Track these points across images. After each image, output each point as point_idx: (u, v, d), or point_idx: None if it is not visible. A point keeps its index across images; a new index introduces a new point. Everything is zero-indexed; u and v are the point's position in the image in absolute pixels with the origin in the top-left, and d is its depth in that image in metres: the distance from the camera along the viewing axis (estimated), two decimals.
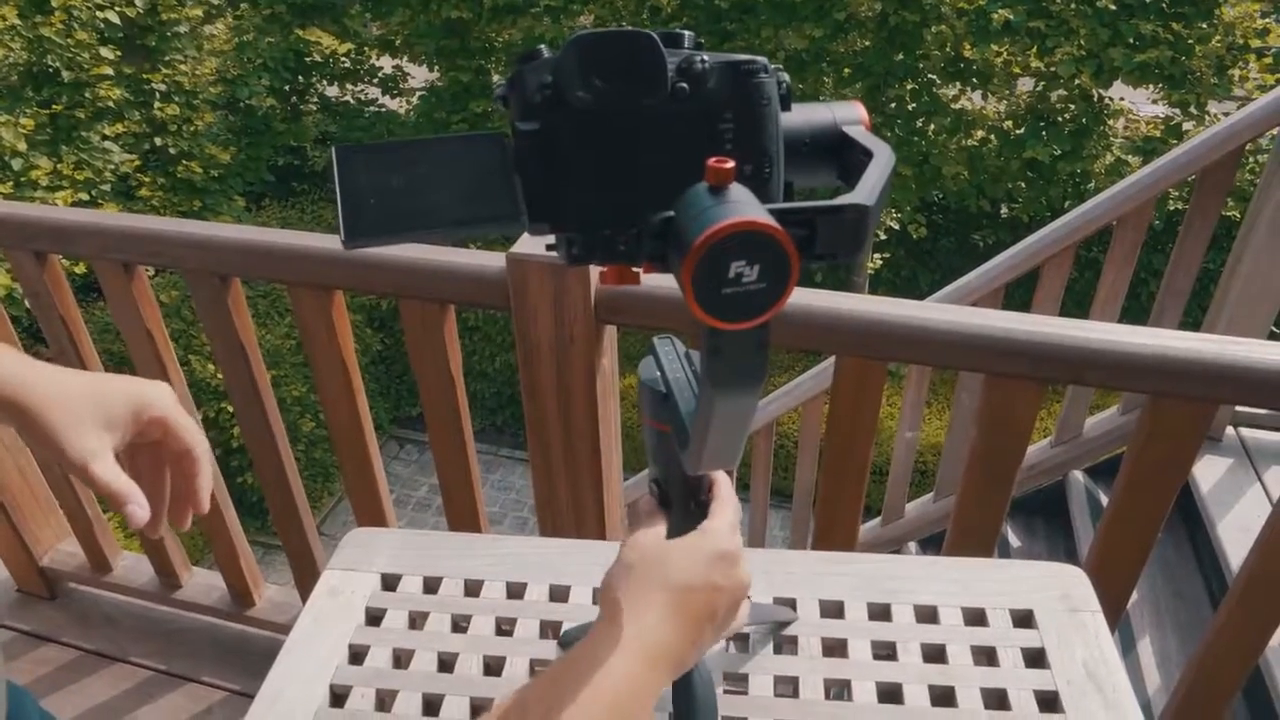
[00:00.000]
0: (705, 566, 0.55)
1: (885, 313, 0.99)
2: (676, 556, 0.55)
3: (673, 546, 0.56)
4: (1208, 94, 6.30)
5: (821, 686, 0.76)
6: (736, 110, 0.46)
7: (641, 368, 0.59)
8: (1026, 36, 6.39)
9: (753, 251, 0.36)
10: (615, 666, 0.49)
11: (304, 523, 1.57)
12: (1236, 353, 0.95)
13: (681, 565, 0.54)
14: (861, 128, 0.48)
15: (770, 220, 0.37)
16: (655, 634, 0.51)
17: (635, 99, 0.45)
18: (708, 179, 0.39)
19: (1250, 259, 2.11)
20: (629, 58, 0.44)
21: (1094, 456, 2.57)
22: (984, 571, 0.86)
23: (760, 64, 0.46)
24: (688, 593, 0.53)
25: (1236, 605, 1.14)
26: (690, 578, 0.54)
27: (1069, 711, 0.73)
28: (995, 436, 1.06)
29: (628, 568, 0.55)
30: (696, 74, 0.45)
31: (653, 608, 0.52)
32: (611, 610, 0.53)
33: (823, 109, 0.49)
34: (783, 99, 0.47)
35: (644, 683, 0.50)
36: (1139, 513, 1.07)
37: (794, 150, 0.47)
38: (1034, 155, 6.69)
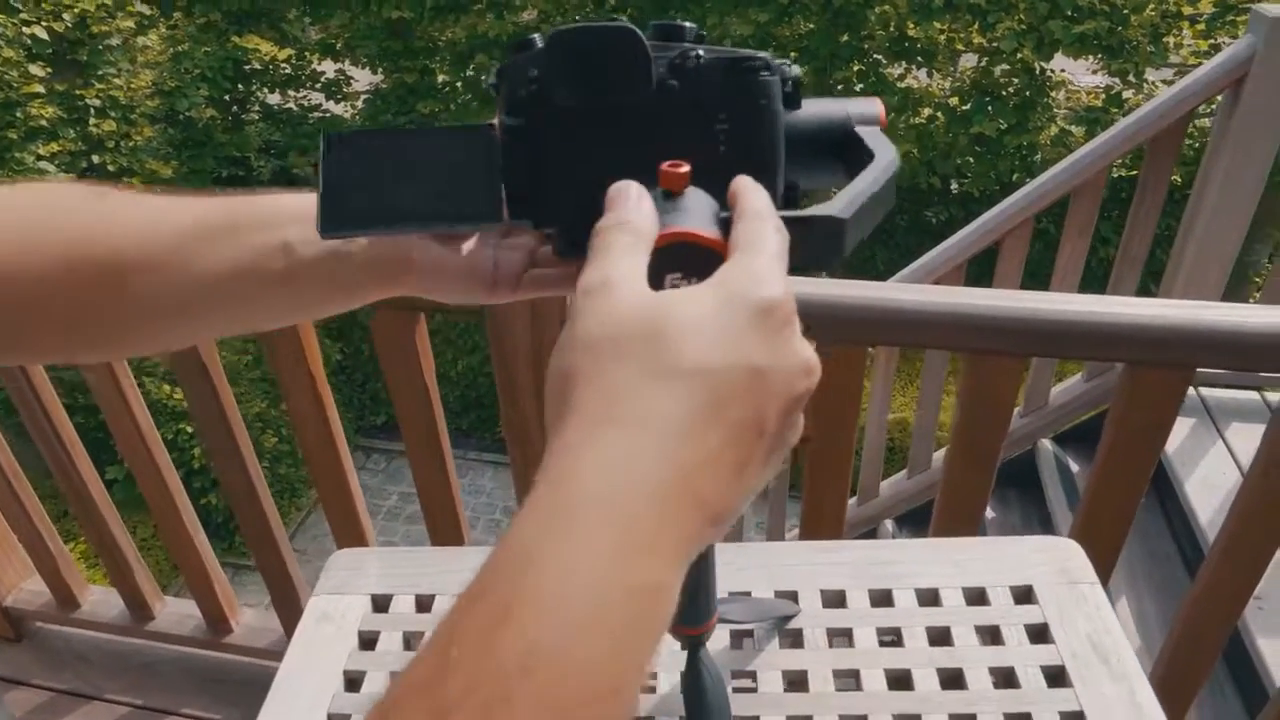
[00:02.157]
0: (733, 331, 0.31)
1: (866, 296, 0.99)
2: (685, 319, 0.31)
3: (675, 302, 0.32)
4: (1145, 62, 6.44)
5: (831, 678, 0.75)
6: (732, 111, 0.43)
7: None
8: (968, 13, 6.48)
9: (687, 264, 0.35)
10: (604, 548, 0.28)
11: (278, 541, 1.53)
12: (1209, 317, 0.96)
13: (697, 334, 0.31)
14: (874, 127, 0.45)
15: (709, 232, 0.35)
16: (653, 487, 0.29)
17: (618, 96, 0.43)
18: (660, 183, 0.37)
19: (1203, 222, 2.16)
20: (609, 55, 0.42)
21: (1061, 424, 2.62)
22: (980, 550, 0.86)
23: (760, 61, 0.43)
24: (713, 384, 0.31)
25: (1216, 566, 1.16)
26: (715, 357, 0.31)
27: (1077, 684, 0.73)
28: (979, 414, 1.07)
29: (595, 344, 0.31)
30: (688, 71, 0.43)
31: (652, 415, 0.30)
32: (575, 430, 0.30)
33: (837, 106, 0.46)
34: (790, 96, 0.44)
35: (653, 584, 0.29)
36: (1122, 480, 1.08)
37: (799, 150, 0.44)
38: (981, 130, 6.80)
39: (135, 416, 1.35)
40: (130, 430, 1.36)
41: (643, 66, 0.42)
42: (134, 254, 0.46)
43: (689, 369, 0.30)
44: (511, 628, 0.26)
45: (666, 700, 0.74)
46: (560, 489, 0.29)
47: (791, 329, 0.33)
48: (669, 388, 0.30)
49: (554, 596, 0.27)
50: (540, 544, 0.28)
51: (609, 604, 0.28)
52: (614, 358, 0.31)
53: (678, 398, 0.30)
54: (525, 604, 0.27)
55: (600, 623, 0.27)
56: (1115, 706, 0.71)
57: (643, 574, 0.28)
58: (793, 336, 0.33)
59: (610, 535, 0.28)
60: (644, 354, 0.30)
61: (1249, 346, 0.94)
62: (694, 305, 0.32)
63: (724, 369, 0.31)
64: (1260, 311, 0.95)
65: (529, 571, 0.28)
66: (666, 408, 0.30)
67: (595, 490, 0.29)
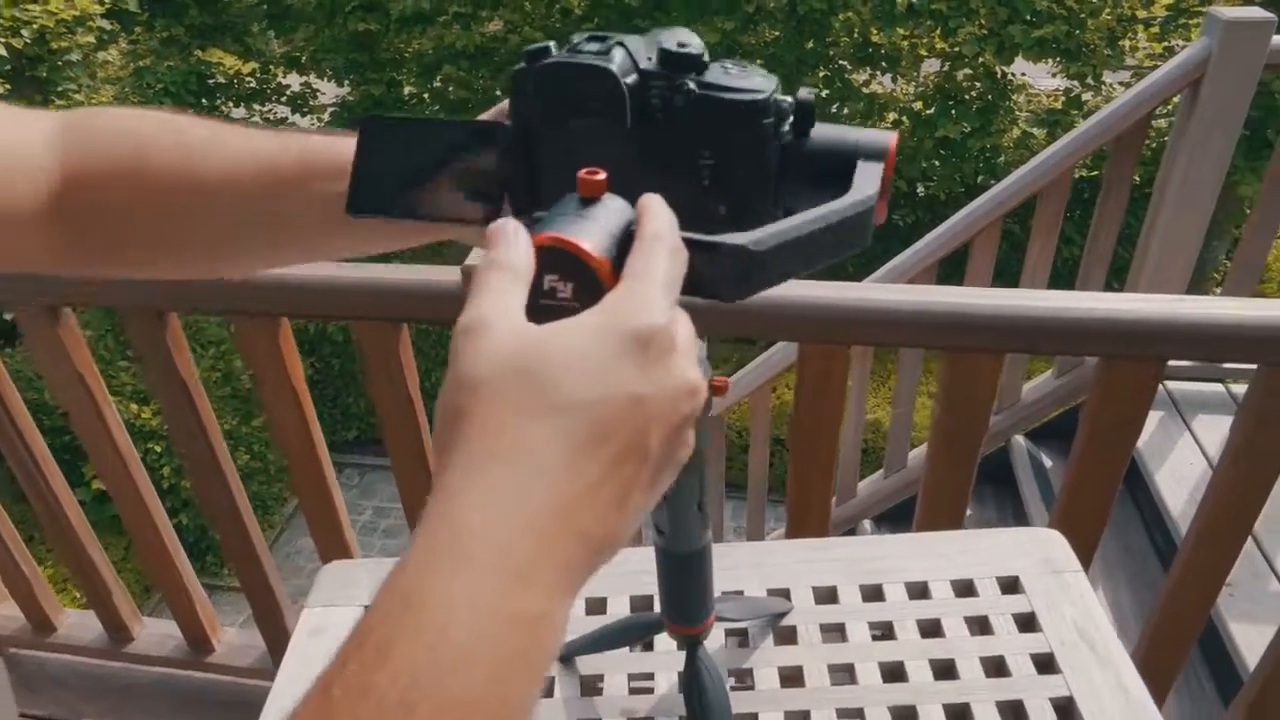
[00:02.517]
0: (610, 362, 0.32)
1: (847, 297, 1.01)
2: (561, 354, 0.32)
3: (550, 336, 0.32)
4: (1102, 64, 6.58)
5: (826, 673, 0.76)
6: (717, 150, 0.43)
7: None
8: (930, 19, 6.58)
9: (563, 269, 0.35)
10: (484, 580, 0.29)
11: (261, 557, 1.51)
12: (1180, 310, 0.99)
13: (572, 368, 0.31)
14: (875, 164, 0.43)
15: (583, 243, 0.35)
16: (533, 519, 0.30)
17: (597, 128, 0.43)
18: (578, 189, 0.37)
19: (1165, 217, 2.21)
20: (587, 90, 0.42)
21: (1033, 421, 2.66)
22: (966, 543, 0.88)
23: (758, 104, 0.42)
24: (590, 417, 0.31)
25: (1191, 554, 1.19)
26: (590, 389, 0.31)
27: (1065, 671, 0.74)
28: (959, 411, 1.08)
29: (474, 384, 0.31)
30: (674, 107, 0.43)
31: (531, 452, 0.30)
32: (457, 470, 0.31)
33: (848, 136, 0.45)
34: (799, 123, 0.44)
35: (536, 613, 0.30)
36: (1099, 473, 1.11)
37: (799, 177, 0.44)
38: (945, 133, 6.90)
39: (113, 436, 1.34)
40: (109, 449, 1.34)
41: (617, 104, 0.42)
42: (208, 195, 0.50)
43: (565, 403, 0.31)
44: (391, 665, 0.27)
45: (665, 700, 0.75)
46: (440, 530, 0.30)
47: (673, 355, 0.33)
48: (545, 423, 0.31)
49: (432, 631, 0.28)
50: (419, 583, 0.29)
51: (489, 636, 0.28)
52: (491, 397, 0.31)
53: (555, 432, 0.31)
54: (404, 641, 0.27)
55: (480, 654, 0.28)
56: (1103, 691, 0.73)
57: (523, 605, 0.29)
58: (674, 362, 0.33)
59: (488, 570, 0.29)
60: (520, 391, 0.31)
61: (1219, 338, 0.97)
62: (569, 338, 0.32)
63: (600, 401, 0.31)
64: (1229, 304, 0.98)
65: (409, 610, 0.28)
66: (543, 443, 0.30)
67: (473, 527, 0.29)
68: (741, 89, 0.42)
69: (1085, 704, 0.72)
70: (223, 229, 0.52)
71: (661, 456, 0.33)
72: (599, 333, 0.32)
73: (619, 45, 0.43)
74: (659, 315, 0.33)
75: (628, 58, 0.43)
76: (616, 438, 0.31)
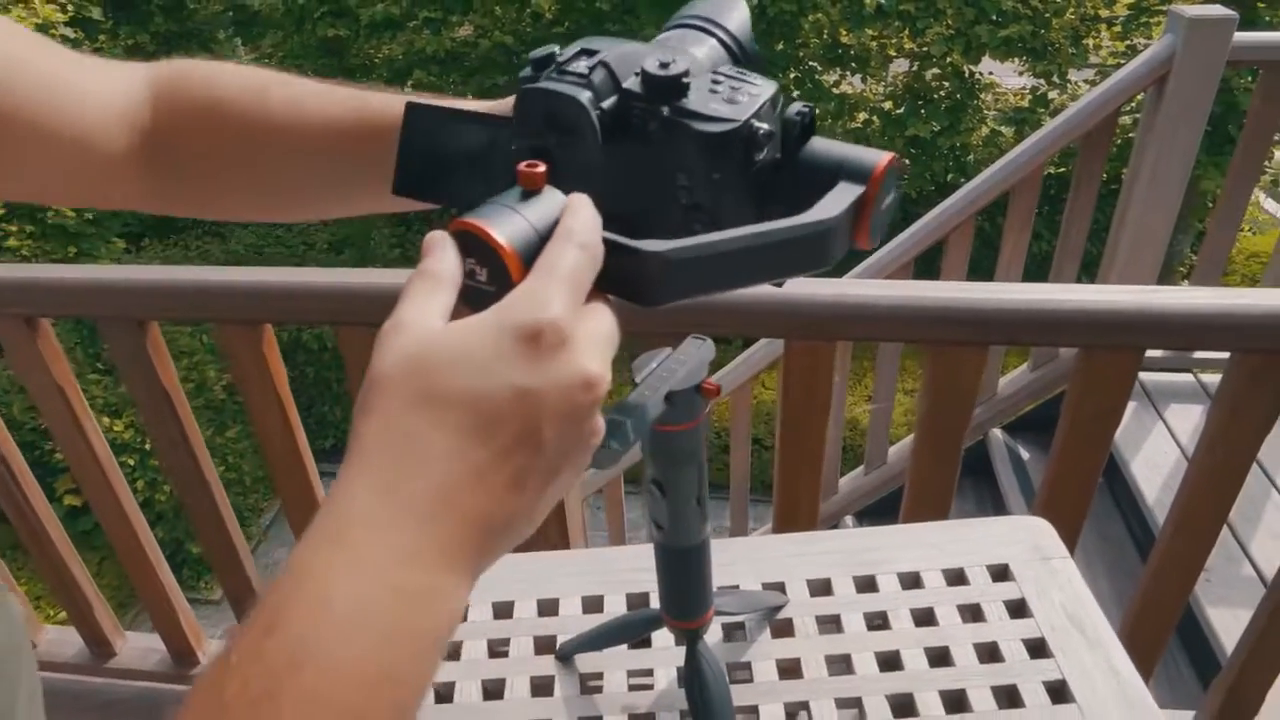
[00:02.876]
0: (495, 357, 0.33)
1: (833, 293, 1.02)
2: (450, 351, 0.34)
3: (446, 334, 0.34)
4: (1067, 63, 6.68)
5: (823, 664, 0.77)
6: (691, 175, 0.43)
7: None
8: (898, 19, 6.65)
9: (477, 254, 0.37)
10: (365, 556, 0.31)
11: (245, 566, 1.50)
12: (1156, 301, 1.01)
13: (459, 363, 0.33)
14: (851, 186, 0.42)
15: (491, 230, 0.36)
16: (415, 500, 0.32)
17: (572, 148, 0.44)
18: (518, 181, 0.39)
19: (1135, 211, 2.25)
20: (559, 115, 0.43)
21: (1010, 414, 2.70)
22: (956, 532, 0.89)
23: (723, 137, 0.41)
24: (477, 408, 0.33)
25: (1171, 538, 1.21)
26: (476, 383, 0.33)
27: (1057, 654, 0.76)
28: (944, 403, 1.10)
29: (376, 381, 0.34)
30: (649, 133, 0.43)
31: (415, 441, 0.33)
32: (352, 458, 0.33)
33: (835, 156, 0.43)
34: (788, 143, 0.43)
35: (420, 586, 0.32)
36: (1080, 462, 1.13)
37: (784, 191, 0.43)
38: (915, 132, 6.97)
39: (94, 448, 1.32)
40: (90, 462, 1.32)
41: (588, 131, 0.43)
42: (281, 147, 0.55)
43: (450, 396, 0.33)
44: (280, 631, 0.29)
45: (666, 695, 0.76)
46: (329, 513, 0.32)
47: (565, 348, 0.34)
48: (429, 414, 0.33)
49: (319, 601, 0.30)
50: (310, 561, 0.31)
51: (371, 606, 0.31)
52: (386, 391, 0.33)
53: (438, 423, 0.33)
54: (293, 609, 0.30)
55: (363, 623, 0.30)
56: (1095, 673, 0.75)
57: (404, 579, 0.31)
58: (567, 356, 0.34)
59: (373, 547, 0.31)
60: (410, 386, 0.33)
61: (1195, 327, 0.99)
62: (462, 335, 0.34)
63: (484, 393, 0.33)
64: (1203, 294, 1.00)
65: (298, 584, 0.31)
66: (426, 433, 0.33)
67: (356, 511, 0.32)
68: (712, 117, 0.41)
69: (1077, 686, 0.73)
70: (295, 179, 0.56)
71: (560, 447, 0.35)
72: (490, 329, 0.34)
73: (602, 65, 0.43)
74: (552, 310, 0.34)
75: (608, 79, 0.43)
76: (505, 427, 0.33)
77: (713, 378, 0.56)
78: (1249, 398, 1.04)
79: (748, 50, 0.47)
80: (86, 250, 7.36)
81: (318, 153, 0.54)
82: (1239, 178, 2.25)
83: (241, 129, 0.54)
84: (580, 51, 0.45)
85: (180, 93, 0.55)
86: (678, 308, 0.39)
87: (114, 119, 0.54)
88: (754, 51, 0.48)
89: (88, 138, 0.53)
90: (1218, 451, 1.11)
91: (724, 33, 0.47)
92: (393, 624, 0.31)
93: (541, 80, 0.44)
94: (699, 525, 0.64)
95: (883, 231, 0.43)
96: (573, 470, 0.36)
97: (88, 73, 0.54)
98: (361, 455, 0.33)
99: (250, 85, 0.55)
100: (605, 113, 0.43)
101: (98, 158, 0.53)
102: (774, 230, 0.40)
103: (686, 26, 0.47)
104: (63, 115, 0.52)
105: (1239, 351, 1.02)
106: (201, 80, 0.56)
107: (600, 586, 0.86)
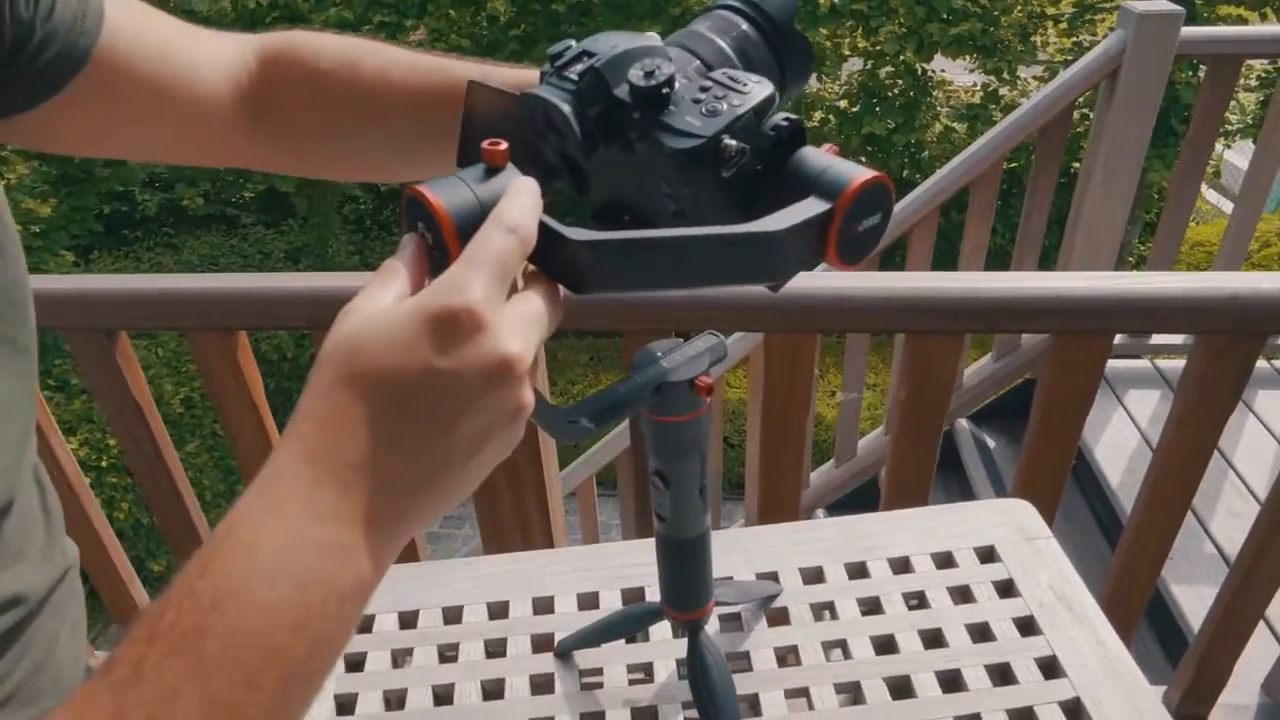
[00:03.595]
0: (415, 340, 0.35)
1: (811, 286, 1.03)
2: (376, 331, 0.36)
3: (376, 318, 0.36)
4: (1016, 60, 6.82)
5: (820, 650, 0.78)
6: (669, 182, 0.44)
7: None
8: (851, 18, 6.73)
9: (424, 218, 0.40)
10: (287, 511, 0.34)
11: None
12: (1125, 286, 1.04)
13: (380, 342, 0.36)
14: (818, 203, 0.41)
15: (431, 194, 0.39)
16: (335, 465, 0.35)
17: (562, 149, 0.46)
18: (481, 158, 0.41)
19: (1091, 201, 2.31)
20: (547, 119, 0.45)
21: (975, 404, 2.75)
22: (942, 517, 0.91)
23: (697, 151, 0.41)
24: (393, 385, 0.35)
25: (1141, 518, 1.25)
26: (389, 361, 0.35)
27: (1046, 631, 0.78)
28: (922, 391, 1.12)
29: (320, 359, 0.37)
30: (632, 145, 0.44)
31: (338, 411, 0.35)
32: (288, 430, 0.36)
33: (813, 168, 0.42)
34: (772, 153, 0.43)
35: (334, 542, 0.34)
36: (1054, 444, 1.16)
37: (771, 205, 0.42)
38: (871, 130, 7.06)
39: (63, 466, 1.29)
40: (60, 481, 1.29)
41: (573, 137, 0.44)
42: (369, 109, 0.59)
43: (372, 374, 0.36)
44: (210, 574, 0.33)
45: (667, 688, 0.76)
46: (265, 474, 0.36)
47: (481, 332, 0.36)
48: (351, 388, 0.36)
49: (245, 549, 0.34)
50: (240, 511, 0.35)
51: (293, 555, 0.34)
52: (324, 368, 0.37)
53: (358, 397, 0.36)
54: (223, 556, 0.34)
55: (285, 570, 0.34)
56: (1084, 647, 0.77)
57: (322, 534, 0.35)
58: (482, 339, 0.36)
59: (297, 504, 0.35)
60: (344, 364, 0.36)
61: (1162, 310, 1.02)
62: (390, 317, 0.36)
63: (399, 370, 0.35)
64: (1167, 279, 1.04)
65: (230, 532, 0.34)
66: (348, 405, 0.36)
67: (282, 472, 0.35)
68: (681, 132, 0.42)
69: (1068, 660, 0.75)
70: (381, 143, 0.61)
71: (480, 421, 0.37)
72: (412, 314, 0.36)
73: (593, 71, 0.44)
74: (469, 295, 0.36)
75: (597, 86, 0.44)
76: (420, 404, 0.36)
77: None
78: (1213, 377, 1.07)
79: (778, 23, 0.48)
80: (35, 264, 7.16)
81: (401, 120, 0.59)
82: (1188, 168, 2.32)
83: (333, 99, 0.60)
84: (581, 53, 0.45)
85: (282, 64, 0.61)
86: (658, 302, 0.40)
87: (223, 83, 0.59)
88: (784, 22, 0.48)
89: (198, 99, 0.58)
90: (1185, 429, 1.14)
91: (752, 8, 0.48)
92: (309, 573, 0.34)
93: (543, 81, 0.45)
94: (701, 516, 0.64)
95: (865, 253, 0.43)
96: (499, 443, 0.39)
97: (200, 40, 0.59)
98: (295, 423, 0.36)
99: (344, 57, 0.60)
100: (591, 119, 0.44)
101: (207, 118, 0.59)
102: (710, 234, 0.40)
103: (727, 6, 0.48)
104: (175, 76, 0.57)
105: (1204, 333, 1.06)
106: (301, 53, 0.61)
107: (594, 583, 0.86)
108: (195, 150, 0.64)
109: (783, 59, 0.49)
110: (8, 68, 0.49)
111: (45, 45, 0.50)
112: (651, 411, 0.58)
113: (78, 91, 0.53)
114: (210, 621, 0.32)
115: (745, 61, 0.47)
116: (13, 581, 0.48)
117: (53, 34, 0.50)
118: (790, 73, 0.49)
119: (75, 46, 0.52)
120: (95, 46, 0.53)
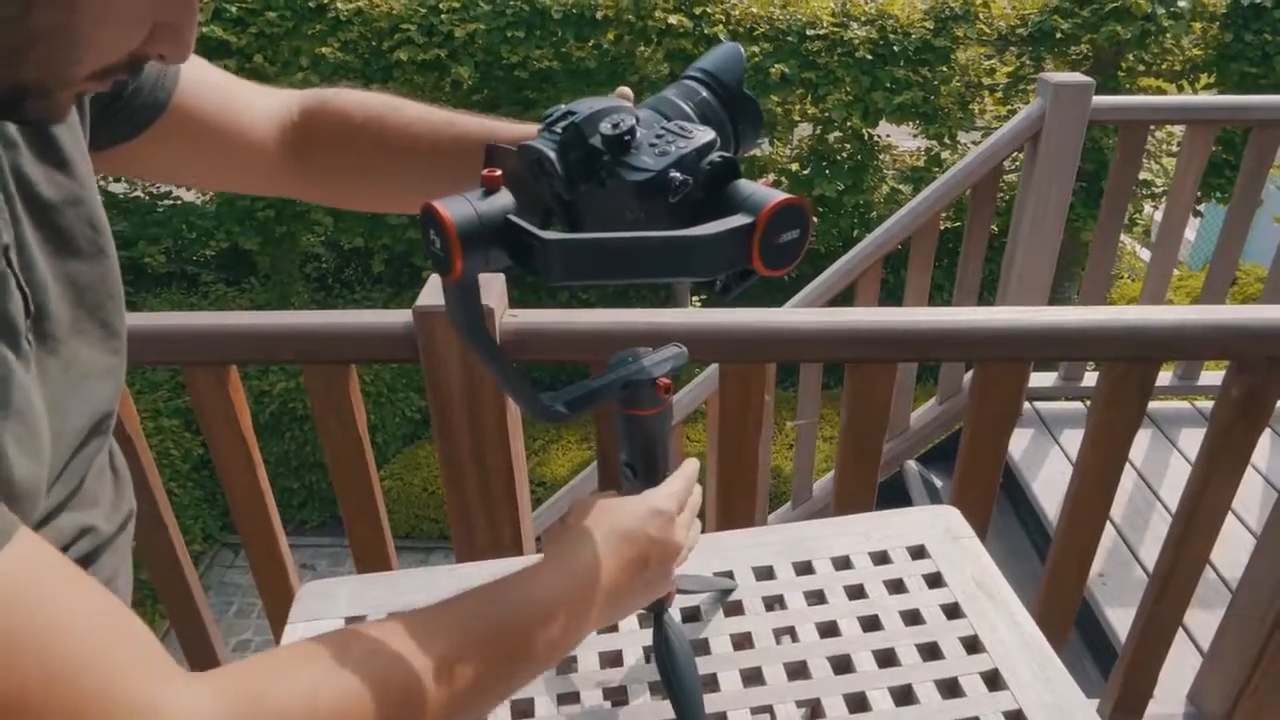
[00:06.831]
0: (642, 519, 0.64)
1: (762, 321, 1.15)
2: (617, 509, 0.64)
3: (615, 502, 0.65)
4: (956, 126, 7.17)
5: (771, 636, 0.87)
6: (631, 209, 0.54)
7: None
8: (801, 87, 7.05)
9: (434, 226, 0.51)
10: (545, 578, 0.59)
11: (201, 611, 1.51)
12: (1038, 318, 1.17)
13: (621, 516, 0.64)
14: (744, 217, 0.50)
15: (440, 207, 0.50)
16: (589, 561, 0.60)
17: (548, 185, 0.57)
18: (481, 183, 0.53)
19: (1021, 254, 2.49)
20: (534, 162, 0.57)
21: (922, 446, 2.89)
22: (880, 521, 1.02)
23: (648, 182, 0.52)
24: (624, 539, 0.62)
25: (1066, 528, 1.37)
26: (629, 525, 0.63)
27: (969, 615, 0.88)
28: (861, 414, 1.23)
29: (571, 521, 0.64)
30: (602, 180, 0.55)
31: (590, 544, 0.61)
32: (552, 549, 0.61)
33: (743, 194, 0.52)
34: (709, 185, 0.53)
35: (575, 599, 0.59)
36: (983, 459, 1.28)
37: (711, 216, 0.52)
38: (822, 191, 7.33)
39: (129, 432, 1.33)
40: (128, 450, 1.34)
41: (557, 177, 0.56)
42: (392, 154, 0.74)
43: (618, 530, 0.63)
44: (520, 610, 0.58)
45: (635, 670, 0.84)
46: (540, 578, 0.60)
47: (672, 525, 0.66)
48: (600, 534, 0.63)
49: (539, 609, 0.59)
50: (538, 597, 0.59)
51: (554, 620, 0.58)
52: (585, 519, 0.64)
53: (604, 540, 0.62)
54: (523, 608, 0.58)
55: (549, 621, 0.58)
56: (1001, 627, 0.87)
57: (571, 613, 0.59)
58: (673, 529, 0.66)
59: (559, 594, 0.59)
60: (596, 520, 0.64)
61: (1069, 340, 1.16)
62: (632, 503, 0.66)
63: (631, 533, 0.64)
64: (1074, 313, 1.17)
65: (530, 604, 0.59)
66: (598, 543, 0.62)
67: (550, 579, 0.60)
68: (637, 168, 0.54)
69: (987, 639, 0.85)
70: (404, 184, 0.75)
71: (655, 574, 0.66)
72: (641, 504, 0.66)
73: (573, 126, 0.56)
74: (671, 506, 0.67)
75: (576, 137, 0.56)
76: (636, 551, 0.63)
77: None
78: (1116, 399, 1.20)
79: (732, 90, 0.60)
80: None
81: (420, 164, 0.74)
82: (1107, 223, 2.52)
83: (365, 147, 0.75)
84: (566, 112, 0.58)
85: (319, 116, 0.76)
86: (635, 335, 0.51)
87: (270, 126, 0.75)
88: (736, 90, 0.60)
89: (249, 138, 0.73)
90: (1100, 445, 1.27)
91: (711, 79, 0.61)
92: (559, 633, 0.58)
93: (538, 135, 0.58)
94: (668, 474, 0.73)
95: (788, 262, 0.52)
96: (664, 575, 0.67)
97: (253, 93, 0.75)
98: (559, 546, 0.62)
99: (374, 113, 0.75)
100: (572, 162, 0.56)
101: (257, 155, 0.74)
102: (650, 237, 0.51)
103: (690, 77, 0.61)
104: (234, 119, 0.73)
105: (1106, 360, 1.19)
106: (338, 108, 0.76)
107: None
108: (253, 181, 0.78)
109: (737, 119, 0.61)
110: (112, 106, 0.65)
111: (136, 94, 0.66)
112: (620, 405, 0.68)
113: (160, 129, 0.68)
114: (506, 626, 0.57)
115: (705, 122, 0.60)
116: (89, 519, 0.58)
117: (140, 86, 0.66)
118: (743, 130, 0.62)
119: (158, 95, 0.68)
120: (172, 96, 0.68)
